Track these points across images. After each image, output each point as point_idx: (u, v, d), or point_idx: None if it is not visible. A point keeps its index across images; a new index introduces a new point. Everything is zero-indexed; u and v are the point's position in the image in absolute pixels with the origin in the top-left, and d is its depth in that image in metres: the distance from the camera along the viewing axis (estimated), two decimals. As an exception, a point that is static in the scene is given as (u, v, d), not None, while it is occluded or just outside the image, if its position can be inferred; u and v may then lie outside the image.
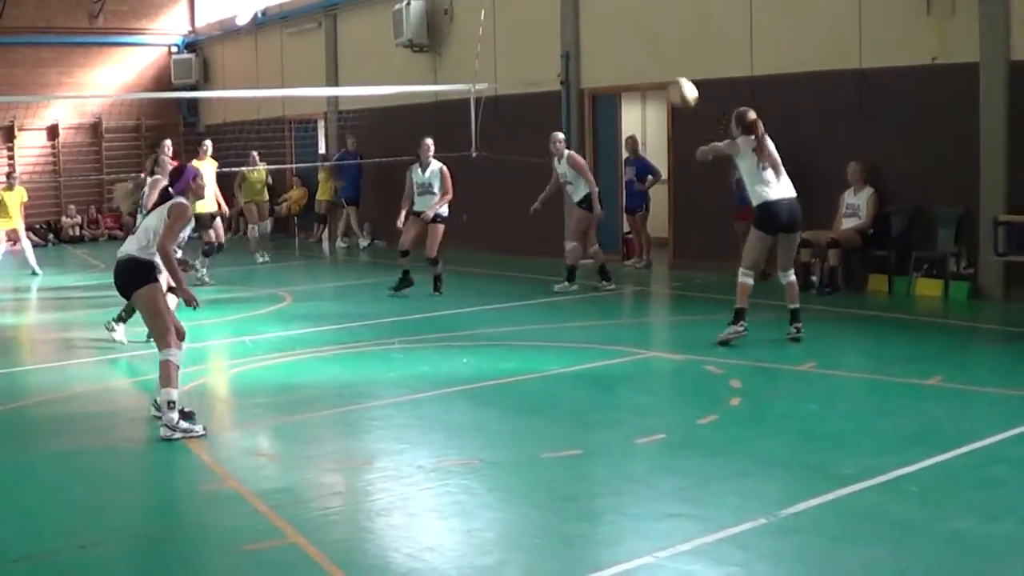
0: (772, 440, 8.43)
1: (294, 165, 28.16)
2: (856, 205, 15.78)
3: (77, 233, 31.21)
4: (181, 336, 9.38)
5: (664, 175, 19.71)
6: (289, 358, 12.45)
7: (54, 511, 7.47)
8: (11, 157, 31.33)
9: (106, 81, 32.73)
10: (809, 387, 10.30)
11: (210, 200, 18.61)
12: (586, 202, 16.84)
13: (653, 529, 6.56)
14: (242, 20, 30.72)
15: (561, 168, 16.99)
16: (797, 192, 16.63)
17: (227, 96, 29.96)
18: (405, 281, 16.89)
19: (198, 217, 18.33)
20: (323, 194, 26.72)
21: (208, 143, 21.17)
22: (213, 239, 19.17)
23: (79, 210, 31.73)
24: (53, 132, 31.95)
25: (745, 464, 7.78)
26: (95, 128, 32.44)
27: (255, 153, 23.81)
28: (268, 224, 26.97)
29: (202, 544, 6.71)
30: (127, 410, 10.78)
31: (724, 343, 12.00)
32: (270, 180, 24.27)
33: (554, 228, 20.99)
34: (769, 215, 12.19)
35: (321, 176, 26.75)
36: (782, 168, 12.35)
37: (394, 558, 6.35)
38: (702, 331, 13.38)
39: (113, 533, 6.90)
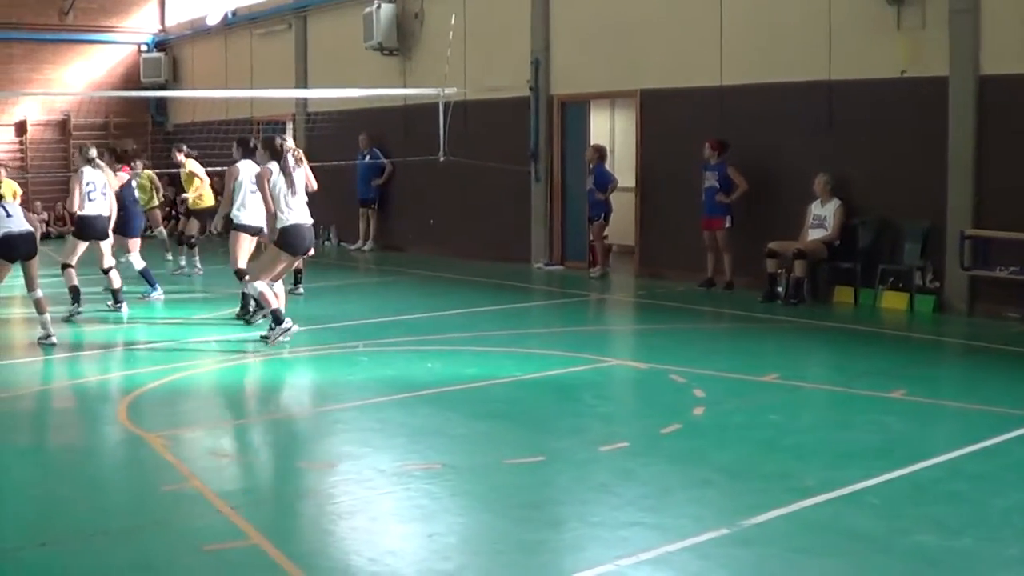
0: (734, 450, 8.42)
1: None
2: (823, 217, 15.80)
3: (44, 230, 31.00)
4: None
5: (632, 183, 19.69)
6: (253, 360, 12.40)
7: (15, 508, 7.43)
8: (-21, 152, 31.22)
9: (75, 78, 32.60)
10: (772, 398, 10.28)
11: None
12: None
13: (615, 537, 6.53)
14: (212, 20, 30.63)
15: None
16: (763, 201, 16.78)
17: (196, 96, 29.88)
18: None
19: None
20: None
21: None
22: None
23: (46, 207, 31.55)
24: (21, 128, 31.79)
25: (707, 474, 7.78)
26: (63, 125, 32.27)
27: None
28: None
29: (163, 544, 6.65)
30: (91, 408, 10.75)
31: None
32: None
33: (521, 233, 21.02)
34: (294, 237, 12.77)
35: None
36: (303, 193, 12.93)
37: (355, 561, 6.33)
38: (667, 340, 13.40)
39: (74, 531, 6.86)
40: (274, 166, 12.64)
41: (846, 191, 15.78)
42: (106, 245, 15.44)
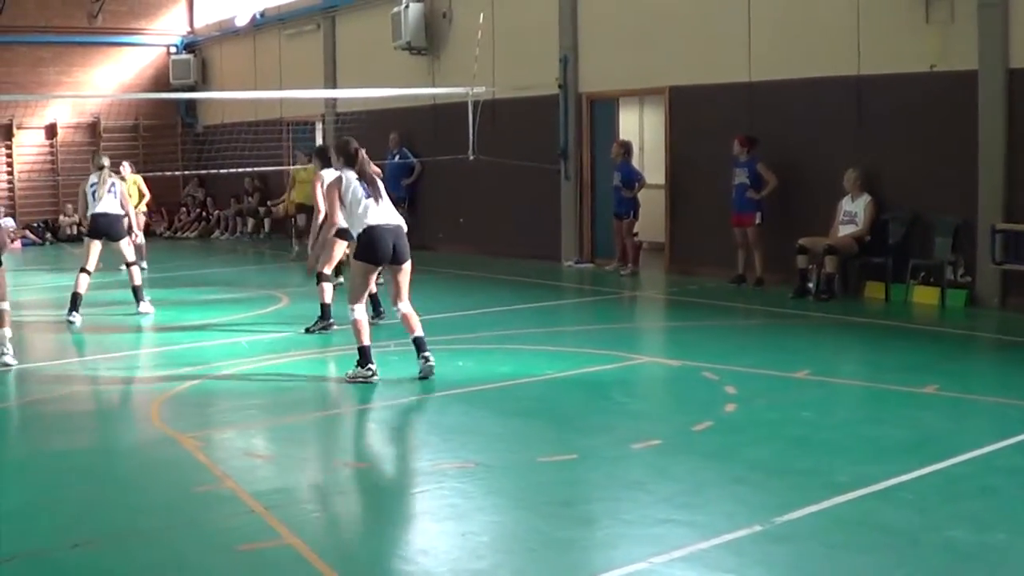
0: (767, 447, 8.41)
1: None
2: (853, 212, 15.75)
3: (75, 232, 31.21)
4: None
5: (662, 180, 19.67)
6: (285, 359, 12.43)
7: (47, 509, 7.45)
8: (9, 156, 31.40)
9: (105, 81, 32.76)
10: (804, 394, 10.27)
11: None
12: None
13: (648, 535, 6.54)
14: (241, 21, 30.75)
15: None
16: (793, 197, 16.66)
17: (225, 97, 29.99)
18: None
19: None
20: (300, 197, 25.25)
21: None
22: None
23: (76, 209, 31.71)
24: (52, 131, 31.98)
25: (740, 471, 7.77)
26: (94, 127, 32.44)
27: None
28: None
29: (196, 544, 6.68)
30: (121, 410, 10.84)
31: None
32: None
33: (551, 231, 21.03)
34: (372, 243, 11.04)
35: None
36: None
37: (388, 560, 6.35)
38: (698, 337, 13.38)
39: (107, 532, 6.90)
40: (350, 174, 11.17)
41: (876, 186, 15.73)
42: (124, 243, 15.74)
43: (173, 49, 33.71)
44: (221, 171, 26.20)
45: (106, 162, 15.76)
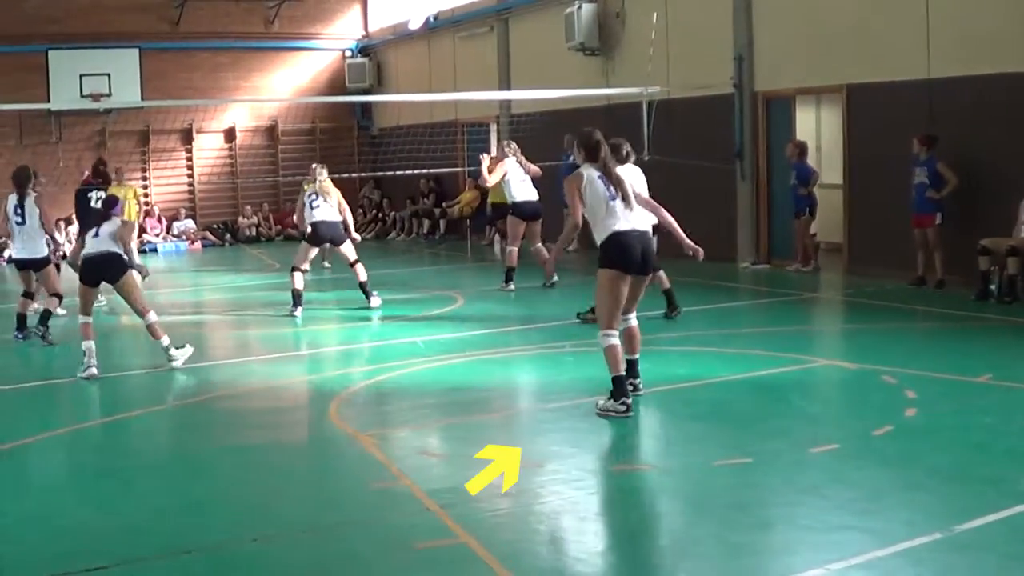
0: (947, 453, 8.26)
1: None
2: (1037, 213, 15.37)
3: (253, 233, 31.90)
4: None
5: (839, 180, 19.42)
6: (461, 359, 12.57)
7: (227, 504, 7.73)
8: (190, 159, 32.23)
9: (281, 85, 33.45)
10: (986, 400, 10.01)
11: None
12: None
13: (824, 541, 6.48)
14: (415, 24, 31.08)
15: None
16: (974, 197, 16.25)
17: (400, 99, 30.36)
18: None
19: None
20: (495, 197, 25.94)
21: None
22: None
23: (255, 211, 32.43)
24: (230, 135, 32.79)
25: (919, 477, 7.64)
26: (271, 131, 33.16)
27: None
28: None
29: (373, 540, 6.84)
30: (301, 407, 11.08)
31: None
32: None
33: (726, 232, 20.87)
34: (616, 249, 9.97)
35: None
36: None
37: (563, 561, 6.41)
38: (876, 339, 13.18)
39: (285, 527, 7.09)
40: (589, 170, 10.18)
41: (1061, 185, 15.32)
42: (345, 246, 16.62)
43: (348, 53, 34.27)
44: (397, 173, 26.57)
45: (323, 175, 16.74)
